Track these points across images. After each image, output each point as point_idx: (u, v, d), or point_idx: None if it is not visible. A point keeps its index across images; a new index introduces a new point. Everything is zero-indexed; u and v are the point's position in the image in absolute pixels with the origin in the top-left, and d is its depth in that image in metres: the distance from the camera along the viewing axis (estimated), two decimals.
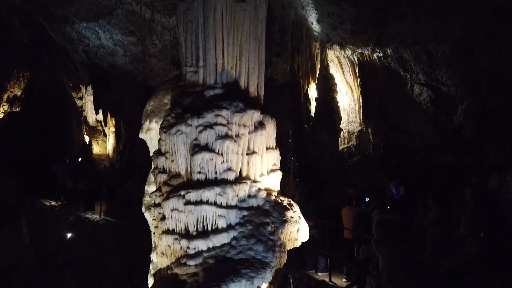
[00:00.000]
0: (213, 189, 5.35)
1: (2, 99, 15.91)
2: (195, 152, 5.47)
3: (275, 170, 6.18)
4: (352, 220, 7.71)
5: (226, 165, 5.59)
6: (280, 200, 5.88)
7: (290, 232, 5.67)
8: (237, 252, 5.15)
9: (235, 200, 5.51)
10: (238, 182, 5.59)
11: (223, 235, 5.24)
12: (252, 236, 5.29)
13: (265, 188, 5.91)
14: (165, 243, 5.54)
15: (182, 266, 5.14)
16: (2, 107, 16.00)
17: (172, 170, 5.88)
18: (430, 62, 10.23)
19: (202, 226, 5.37)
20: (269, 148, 6.14)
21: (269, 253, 5.18)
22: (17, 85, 16.11)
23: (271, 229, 5.42)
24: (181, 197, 5.44)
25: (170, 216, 5.51)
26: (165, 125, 5.85)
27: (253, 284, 4.87)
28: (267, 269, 5.03)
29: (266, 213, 5.61)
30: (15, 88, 16.16)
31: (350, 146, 12.82)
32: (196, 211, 5.31)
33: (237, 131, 5.71)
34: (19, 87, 15.96)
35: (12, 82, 16.00)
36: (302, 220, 5.89)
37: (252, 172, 5.83)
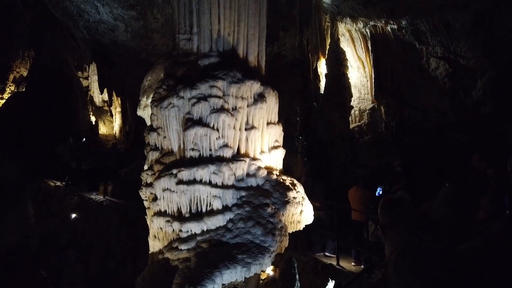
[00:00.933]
0: (207, 167, 4.81)
1: (9, 79, 15.58)
2: (187, 127, 4.92)
3: (277, 147, 5.62)
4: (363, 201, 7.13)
5: (222, 141, 5.03)
6: (282, 179, 5.33)
7: (293, 214, 5.13)
8: (233, 236, 4.64)
9: (232, 179, 4.97)
10: (236, 159, 5.05)
11: (218, 217, 4.73)
12: (250, 218, 4.76)
13: (266, 167, 5.36)
14: (157, 226, 5.07)
15: (174, 250, 4.66)
16: (9, 87, 15.68)
17: (164, 147, 5.36)
18: (448, 33, 9.40)
19: (195, 208, 4.87)
20: (270, 123, 5.56)
21: (268, 237, 4.65)
22: (23, 65, 15.73)
23: (271, 211, 4.89)
24: (173, 176, 4.93)
25: (162, 197, 5.02)
26: (156, 98, 5.31)
27: (249, 271, 4.36)
28: (266, 255, 4.52)
29: (266, 194, 5.07)
30: (21, 68, 15.79)
31: (361, 125, 12.13)
32: (189, 191, 4.80)
33: (234, 104, 5.13)
34: (25, 67, 15.59)
35: (17, 62, 15.63)
36: (306, 201, 5.34)
37: (251, 149, 5.27)
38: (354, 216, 7.40)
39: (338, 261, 7.24)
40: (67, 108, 13.85)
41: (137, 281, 4.94)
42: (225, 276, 4.23)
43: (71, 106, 14.00)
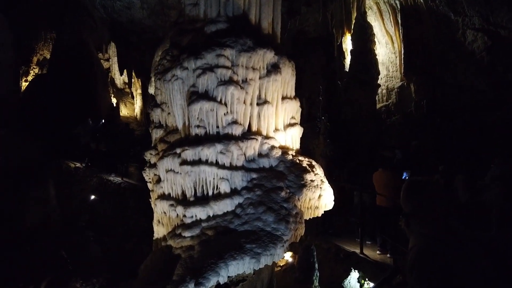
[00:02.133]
0: (214, 146, 4.23)
1: (32, 61, 15.43)
2: (192, 101, 4.34)
3: (293, 124, 4.97)
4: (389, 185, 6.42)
5: (231, 117, 4.43)
6: (298, 160, 4.69)
7: (310, 198, 4.50)
8: (241, 223, 4.07)
9: (242, 160, 4.38)
10: (246, 138, 4.44)
11: (226, 202, 4.16)
12: (261, 203, 4.18)
13: (280, 146, 4.73)
14: (160, 210, 4.56)
15: (177, 237, 4.14)
16: (33, 70, 15.55)
17: (169, 125, 4.81)
18: (487, 2, 8.38)
19: (201, 191, 4.31)
20: (286, 97, 4.90)
21: (281, 224, 4.06)
22: (46, 47, 15.54)
23: (285, 195, 4.28)
24: (176, 155, 4.38)
25: (166, 179, 4.49)
26: (160, 71, 4.73)
27: (259, 263, 3.80)
28: (278, 244, 3.93)
29: (280, 176, 4.46)
30: (44, 51, 15.61)
31: (389, 104, 11.27)
32: (194, 173, 4.24)
33: (245, 75, 4.50)
34: (48, 49, 15.40)
35: (40, 44, 15.44)
36: (326, 185, 4.69)
37: (263, 126, 4.65)
38: (379, 201, 6.70)
39: (362, 249, 6.60)
40: (88, 89, 13.55)
41: (140, 268, 4.48)
42: (231, 268, 3.69)
43: (91, 87, 13.70)
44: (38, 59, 15.50)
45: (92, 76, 13.85)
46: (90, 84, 13.72)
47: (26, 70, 15.19)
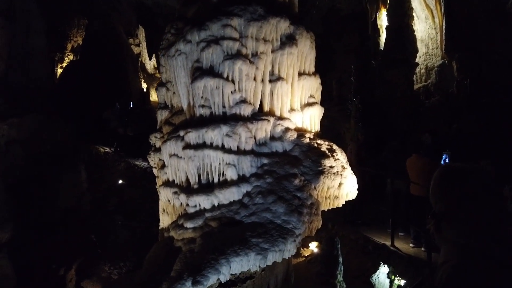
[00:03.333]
0: (219, 128, 3.74)
1: (67, 48, 15.55)
2: (195, 78, 3.85)
3: (312, 104, 4.37)
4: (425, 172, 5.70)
5: (239, 95, 3.90)
6: (316, 144, 4.12)
7: (328, 187, 3.93)
8: (248, 214, 3.58)
9: (251, 143, 3.86)
10: (256, 119, 3.92)
11: (232, 190, 3.68)
12: (271, 192, 3.66)
13: (296, 128, 4.17)
14: (165, 198, 4.16)
15: (178, 228, 3.72)
16: (68, 56, 15.68)
17: (174, 105, 4.36)
18: None
19: (206, 178, 3.85)
20: (303, 73, 4.30)
21: (293, 216, 3.53)
22: (79, 34, 15.59)
23: (299, 183, 3.73)
24: (179, 138, 3.93)
25: (169, 164, 4.06)
26: (164, 46, 4.28)
27: (265, 259, 3.30)
28: (288, 239, 3.41)
29: (295, 162, 3.91)
30: (78, 37, 15.67)
31: (428, 85, 10.30)
32: (197, 158, 3.78)
33: (255, 48, 3.94)
34: (81, 36, 15.43)
35: (74, 31, 15.51)
36: (348, 172, 4.09)
37: (277, 106, 4.10)
38: (413, 190, 5.99)
39: (393, 241, 5.95)
40: (118, 75, 13.44)
41: (145, 259, 4.12)
42: (233, 265, 3.22)
43: (121, 73, 13.58)
44: (72, 45, 15.59)
45: (122, 61, 13.71)
46: (120, 70, 13.59)
47: (61, 56, 15.32)
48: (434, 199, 1.59)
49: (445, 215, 1.49)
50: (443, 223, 1.49)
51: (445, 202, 1.52)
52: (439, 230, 1.51)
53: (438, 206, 1.54)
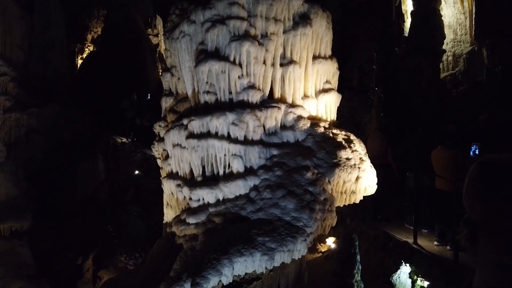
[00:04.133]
0: (224, 116, 3.40)
1: (87, 39, 15.52)
2: (199, 61, 3.51)
3: (328, 90, 3.97)
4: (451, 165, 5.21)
5: (247, 80, 3.55)
6: (332, 133, 3.73)
7: (344, 181, 3.54)
8: (255, 209, 3.25)
9: (259, 132, 3.51)
10: (266, 106, 3.56)
11: (238, 183, 3.34)
12: (280, 186, 3.31)
13: (310, 117, 3.79)
14: (168, 190, 3.87)
15: (180, 224, 3.43)
16: (88, 47, 15.65)
17: (179, 92, 4.05)
18: None
19: (210, 170, 3.53)
20: (318, 56, 3.90)
21: (303, 213, 3.17)
22: (99, 25, 15.51)
23: (311, 176, 3.37)
24: (183, 127, 3.62)
25: (173, 154, 3.77)
26: (169, 28, 3.95)
27: (272, 260, 2.96)
28: (298, 238, 3.05)
29: (307, 153, 3.54)
30: (98, 28, 15.60)
31: (456, 73, 9.65)
32: (201, 148, 3.46)
33: (265, 29, 3.57)
34: (101, 26, 15.35)
35: (94, 22, 15.44)
36: (366, 165, 3.69)
37: (289, 92, 3.72)
38: (439, 185, 5.50)
39: (416, 239, 5.50)
40: (136, 65, 13.29)
41: (148, 255, 3.86)
42: (237, 266, 2.90)
43: (139, 63, 13.42)
44: (92, 36, 15.54)
45: (140, 52, 13.54)
46: (138, 60, 13.43)
47: (81, 47, 15.30)
48: (469, 202, 1.19)
49: (484, 223, 1.10)
50: (481, 234, 1.10)
51: (484, 207, 1.12)
52: (474, 242, 1.12)
53: (475, 212, 1.15)
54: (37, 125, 11.10)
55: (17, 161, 10.48)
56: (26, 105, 10.77)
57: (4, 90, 10.36)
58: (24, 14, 11.17)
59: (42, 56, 12.17)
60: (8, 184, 9.82)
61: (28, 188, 10.41)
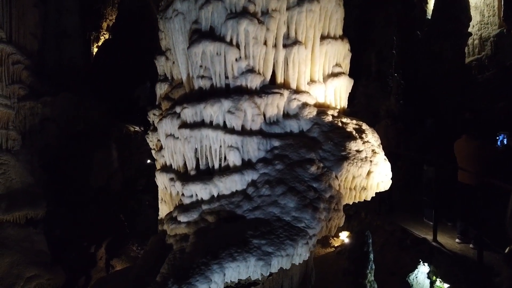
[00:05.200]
0: (219, 103, 3.02)
1: (102, 27, 15.32)
2: (192, 42, 3.12)
3: (338, 74, 3.52)
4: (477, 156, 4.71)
5: (245, 63, 3.14)
6: (341, 123, 3.30)
7: (354, 176, 3.12)
8: (252, 208, 2.87)
9: (259, 121, 3.12)
10: (267, 92, 3.15)
11: (234, 178, 2.97)
12: (280, 181, 2.92)
13: (317, 104, 3.37)
14: (161, 184, 3.54)
15: (171, 222, 3.09)
16: (103, 35, 15.46)
17: (175, 77, 3.68)
18: None
19: (205, 163, 3.17)
20: (327, 36, 3.45)
21: (305, 212, 2.78)
22: (114, 12, 15.29)
23: (315, 171, 2.96)
24: (175, 116, 3.27)
25: (166, 146, 3.43)
26: (163, 7, 3.57)
27: (269, 266, 2.59)
28: (299, 241, 2.67)
29: (313, 144, 3.13)
30: (113, 16, 15.37)
31: (482, 57, 8.97)
32: (194, 139, 3.10)
33: (265, 5, 3.14)
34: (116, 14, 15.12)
35: (109, 9, 15.23)
36: (379, 157, 3.25)
37: (293, 77, 3.30)
38: (462, 178, 5.02)
39: (436, 236, 5.05)
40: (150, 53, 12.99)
41: (141, 254, 3.56)
42: (228, 272, 2.55)
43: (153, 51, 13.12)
44: (108, 24, 15.31)
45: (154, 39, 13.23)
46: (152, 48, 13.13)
47: (97, 36, 15.10)
48: None
49: None
50: None
51: None
52: None
53: None
54: (51, 114, 10.97)
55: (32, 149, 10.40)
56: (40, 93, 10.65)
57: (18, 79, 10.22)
58: (37, 2, 10.96)
59: (56, 44, 12.00)
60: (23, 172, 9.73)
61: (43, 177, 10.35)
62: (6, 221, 8.51)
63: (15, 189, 9.26)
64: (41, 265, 8.34)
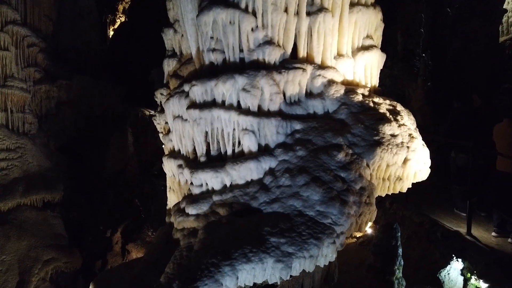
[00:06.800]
0: (233, 80, 2.59)
1: (118, 10, 14.98)
2: (201, 10, 2.69)
3: (369, 47, 3.03)
4: None
5: (262, 34, 2.69)
6: (372, 103, 2.83)
7: (388, 164, 2.67)
8: (270, 200, 2.46)
9: (278, 101, 2.68)
10: (287, 67, 2.70)
11: (249, 166, 2.55)
12: (303, 170, 2.49)
13: (345, 81, 2.90)
14: (169, 171, 3.16)
15: (179, 214, 2.71)
16: (119, 18, 15.13)
17: (184, 52, 3.26)
18: None
19: (216, 148, 2.77)
20: (357, 3, 2.96)
21: (332, 206, 2.35)
22: None
23: (344, 158, 2.52)
24: (183, 95, 2.86)
25: (174, 128, 3.03)
26: None
27: (289, 270, 2.20)
28: (325, 240, 2.25)
29: (340, 127, 2.68)
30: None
31: None
32: (204, 121, 2.69)
33: None
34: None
35: None
36: (417, 143, 2.78)
37: (317, 50, 2.83)
38: (501, 166, 4.49)
39: (470, 229, 4.54)
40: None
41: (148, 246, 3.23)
42: (242, 274, 2.16)
43: None
44: (124, 7, 14.96)
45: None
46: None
47: (113, 18, 14.79)
48: None
49: None
50: None
51: None
52: None
53: None
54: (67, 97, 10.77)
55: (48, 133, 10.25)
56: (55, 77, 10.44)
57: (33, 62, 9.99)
58: None
59: (71, 27, 11.73)
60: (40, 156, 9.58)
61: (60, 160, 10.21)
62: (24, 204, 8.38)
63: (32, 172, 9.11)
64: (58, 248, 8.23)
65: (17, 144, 8.84)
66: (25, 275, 7.50)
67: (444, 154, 5.61)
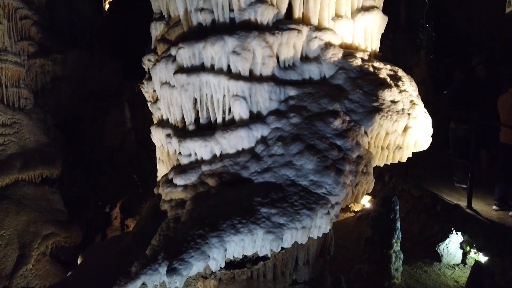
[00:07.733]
0: (222, 42, 2.39)
1: None
2: None
3: (369, 8, 2.80)
4: None
5: None
6: (372, 67, 2.63)
7: (387, 132, 2.50)
8: (261, 169, 2.31)
9: (271, 65, 2.48)
10: (281, 28, 2.49)
11: (240, 134, 2.39)
12: (297, 138, 2.33)
13: (343, 44, 2.69)
14: (158, 141, 3.01)
15: (166, 185, 2.57)
16: None
17: (172, 14, 3.04)
18: None
19: (206, 115, 2.59)
20: None
21: (327, 176, 2.20)
22: None
23: (340, 125, 2.35)
24: (170, 59, 2.66)
25: (161, 96, 2.85)
26: None
27: (280, 241, 2.06)
28: (318, 211, 2.11)
29: (337, 93, 2.49)
30: None
31: None
32: (192, 86, 2.51)
33: None
34: None
35: None
36: (419, 110, 2.60)
37: (314, 10, 2.61)
38: (504, 138, 4.34)
39: (470, 202, 4.43)
40: None
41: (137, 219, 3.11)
42: (230, 246, 2.03)
43: None
44: None
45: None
46: None
47: None
48: None
49: None
50: None
51: None
52: None
53: None
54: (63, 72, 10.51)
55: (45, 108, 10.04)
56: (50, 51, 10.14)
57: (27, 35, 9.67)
58: None
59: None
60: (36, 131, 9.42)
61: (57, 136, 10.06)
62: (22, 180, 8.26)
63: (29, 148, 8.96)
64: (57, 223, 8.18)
65: (13, 119, 8.65)
66: (25, 249, 7.46)
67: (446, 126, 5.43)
